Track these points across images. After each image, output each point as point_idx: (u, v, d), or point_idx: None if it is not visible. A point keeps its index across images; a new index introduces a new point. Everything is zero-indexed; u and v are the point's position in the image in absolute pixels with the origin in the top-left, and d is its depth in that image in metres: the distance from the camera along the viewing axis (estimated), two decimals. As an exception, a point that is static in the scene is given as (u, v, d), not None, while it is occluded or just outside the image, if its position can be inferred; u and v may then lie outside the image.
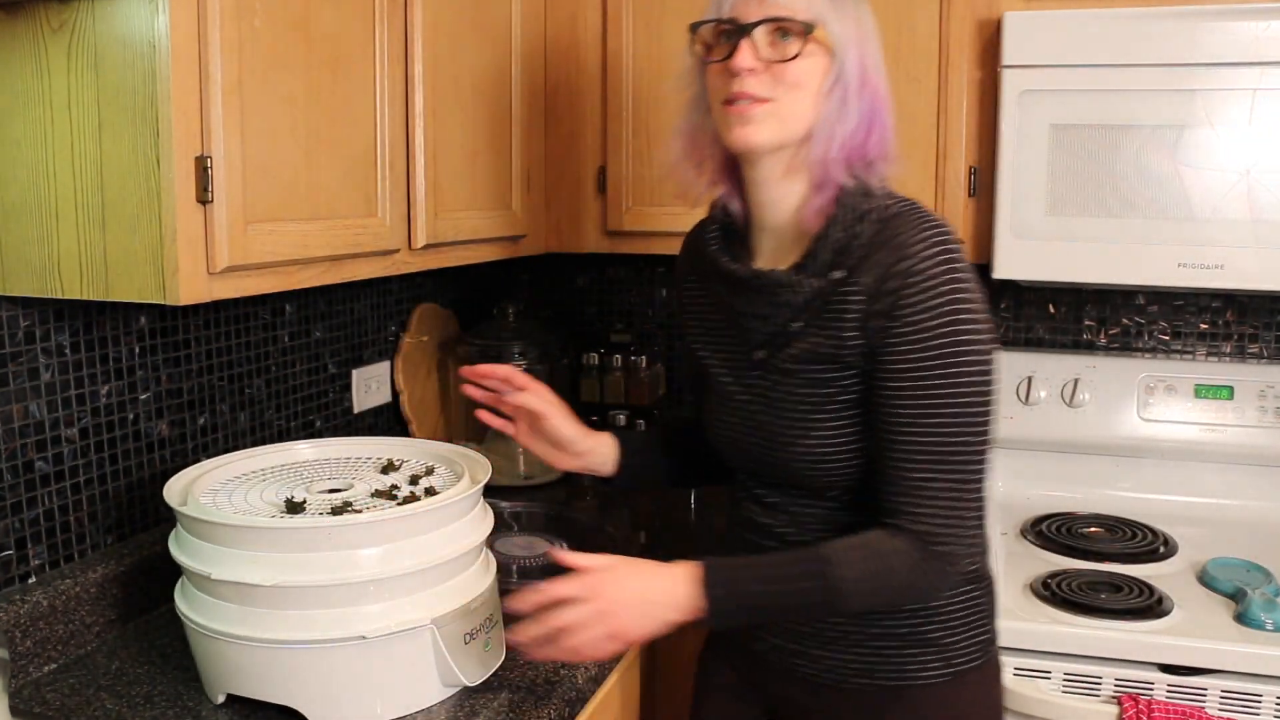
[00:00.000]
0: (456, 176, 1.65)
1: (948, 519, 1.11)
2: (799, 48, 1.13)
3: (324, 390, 1.90)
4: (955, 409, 1.10)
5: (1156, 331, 2.11)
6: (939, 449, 1.10)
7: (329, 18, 1.32)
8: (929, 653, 1.22)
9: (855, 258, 1.14)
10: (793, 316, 1.19)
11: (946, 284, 1.10)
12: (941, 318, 1.09)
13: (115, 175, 1.13)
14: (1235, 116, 1.67)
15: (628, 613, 1.12)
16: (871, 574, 1.11)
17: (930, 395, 1.10)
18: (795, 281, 1.17)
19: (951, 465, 1.10)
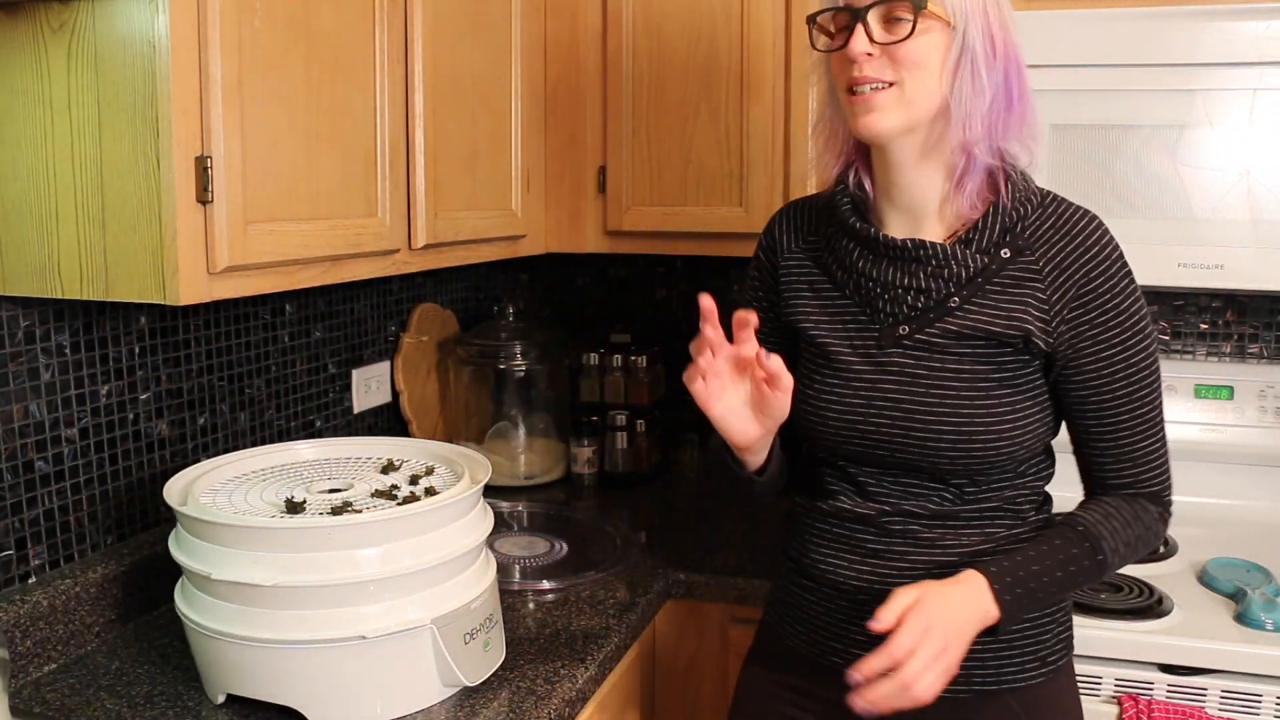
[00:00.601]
0: (456, 176, 1.65)
1: (1166, 474, 1.22)
2: (910, 27, 1.10)
3: (324, 390, 1.90)
4: (1154, 378, 1.19)
5: (1156, 331, 2.11)
6: (1154, 417, 1.19)
7: (329, 18, 1.32)
8: (1026, 654, 1.22)
9: (1023, 239, 1.17)
10: (954, 291, 1.18)
11: (1123, 265, 1.17)
12: (1134, 298, 1.17)
13: (115, 175, 1.13)
14: (1235, 116, 1.66)
15: (958, 639, 1.07)
16: (1132, 541, 1.19)
17: (1144, 373, 1.18)
18: (961, 255, 1.17)
19: (1160, 427, 1.21)
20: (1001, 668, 1.21)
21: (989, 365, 1.17)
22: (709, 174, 1.93)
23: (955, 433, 1.17)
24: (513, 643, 1.40)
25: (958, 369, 1.18)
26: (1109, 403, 1.19)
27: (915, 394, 1.19)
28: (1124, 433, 1.20)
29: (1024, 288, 1.16)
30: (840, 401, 1.22)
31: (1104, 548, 1.16)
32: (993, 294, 1.17)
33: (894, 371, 1.20)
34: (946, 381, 1.18)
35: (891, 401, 1.20)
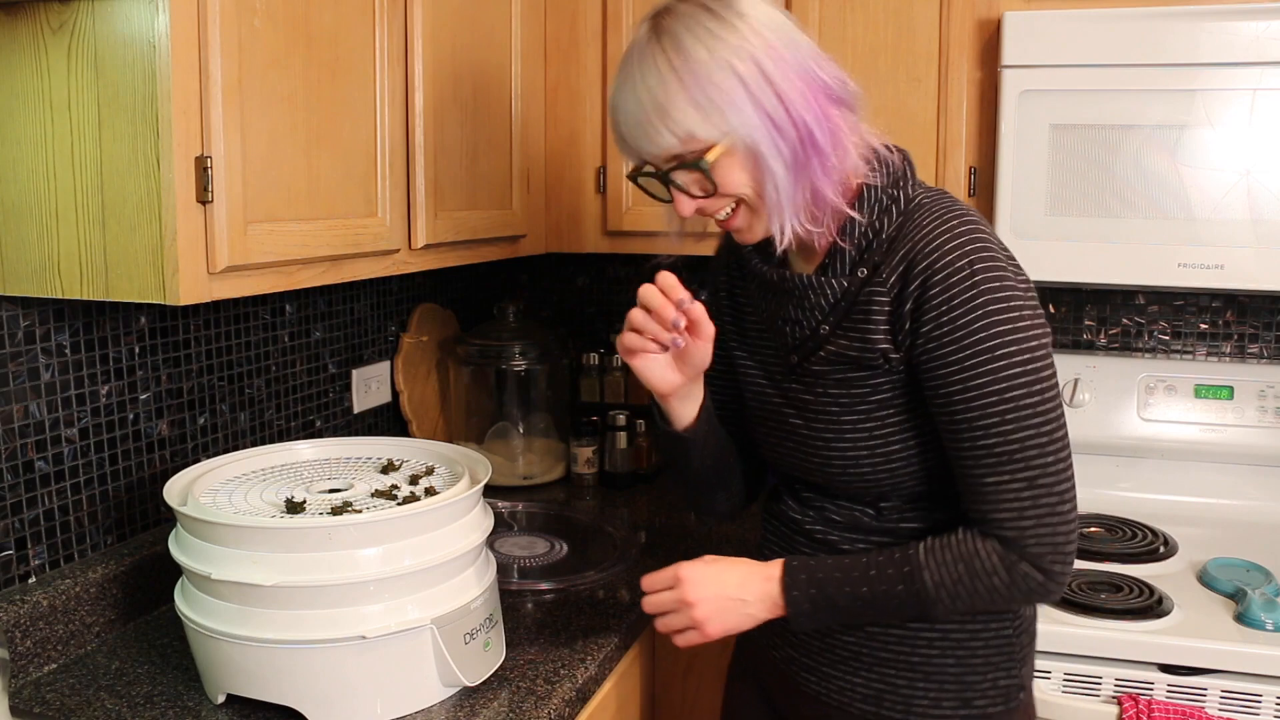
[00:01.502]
0: (456, 176, 1.65)
1: (1031, 522, 1.06)
2: (705, 180, 1.08)
3: (324, 390, 1.90)
4: (1012, 404, 1.04)
5: (1156, 331, 2.11)
6: (1005, 449, 1.05)
7: (329, 18, 1.32)
8: (945, 690, 1.17)
9: (879, 254, 1.11)
10: (822, 319, 1.15)
11: (975, 273, 1.04)
12: (973, 310, 1.04)
13: (115, 175, 1.13)
14: (1235, 116, 1.67)
15: (707, 606, 1.16)
16: (959, 578, 1.08)
17: (982, 394, 1.05)
18: (820, 283, 1.14)
19: (1022, 466, 1.05)
20: (913, 698, 1.18)
21: (865, 389, 1.13)
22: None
23: (842, 458, 1.16)
24: (513, 643, 1.40)
25: (837, 395, 1.15)
26: (949, 427, 1.08)
27: (808, 420, 1.19)
28: (968, 462, 1.08)
29: (874, 303, 1.10)
30: (761, 425, 1.27)
31: (924, 578, 1.09)
32: (855, 319, 1.12)
33: (793, 399, 1.21)
34: (828, 408, 1.16)
35: (791, 428, 1.21)
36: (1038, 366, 1.05)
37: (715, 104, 1.04)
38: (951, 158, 1.84)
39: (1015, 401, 1.04)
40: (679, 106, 1.05)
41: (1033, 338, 1.05)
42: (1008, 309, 1.04)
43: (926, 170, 1.85)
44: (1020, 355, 1.04)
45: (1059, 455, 1.06)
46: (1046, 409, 1.05)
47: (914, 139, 1.84)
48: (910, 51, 1.84)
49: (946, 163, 1.84)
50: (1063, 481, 1.06)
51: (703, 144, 1.06)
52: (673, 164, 1.09)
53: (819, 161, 1.08)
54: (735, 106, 1.04)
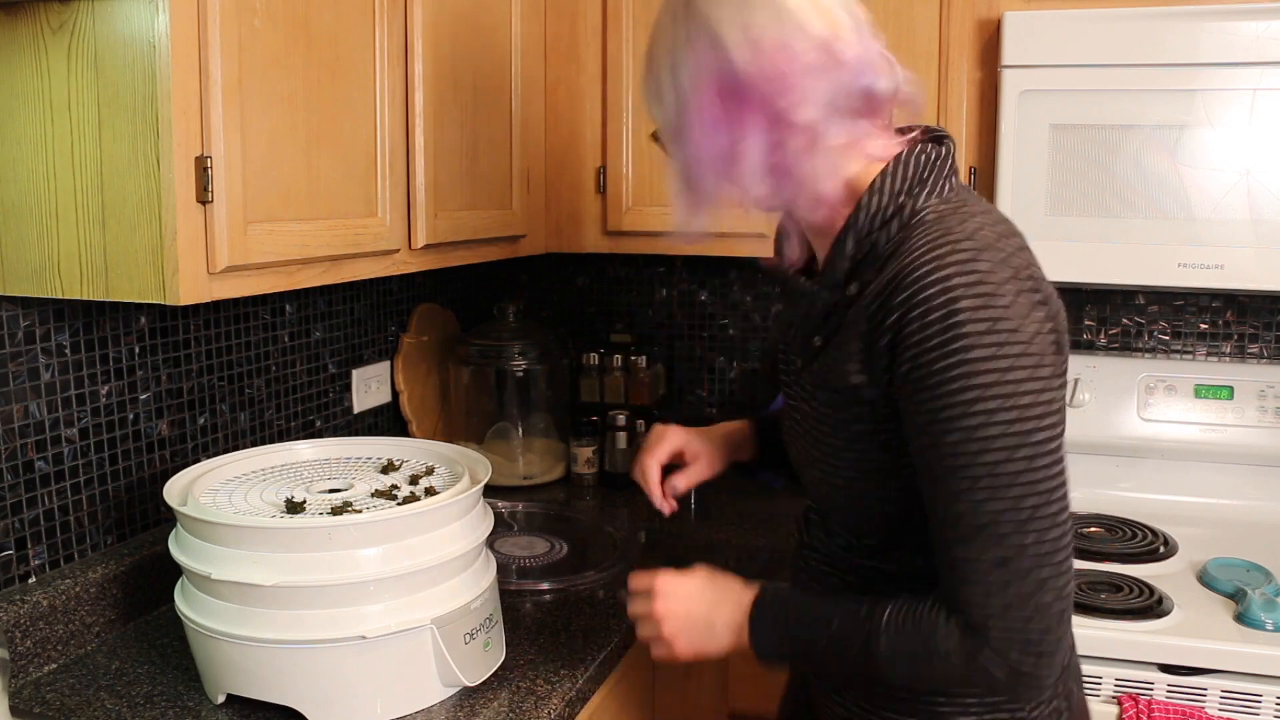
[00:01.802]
0: (456, 176, 1.65)
1: (999, 607, 0.90)
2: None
3: (324, 390, 1.90)
4: (987, 470, 0.89)
5: (1156, 331, 2.11)
6: (977, 520, 0.90)
7: (329, 18, 1.32)
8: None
9: (872, 271, 0.98)
10: (814, 331, 1.05)
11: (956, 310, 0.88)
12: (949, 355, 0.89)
13: (115, 175, 1.13)
14: (1235, 116, 1.66)
15: (675, 623, 1.10)
16: (914, 655, 0.95)
17: (955, 453, 0.90)
18: (812, 292, 1.03)
19: (996, 540, 0.89)
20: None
21: (846, 416, 1.01)
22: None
23: (826, 482, 1.06)
24: (513, 643, 1.40)
25: (826, 414, 1.03)
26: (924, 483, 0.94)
27: (806, 427, 1.08)
28: (938, 527, 0.93)
29: (854, 329, 0.98)
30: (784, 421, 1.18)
31: (880, 644, 0.97)
32: (840, 338, 1.00)
33: (797, 405, 1.11)
34: (819, 425, 1.05)
35: (795, 433, 1.12)
36: (1027, 429, 0.88)
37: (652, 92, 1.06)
38: (951, 158, 1.83)
39: (992, 467, 0.88)
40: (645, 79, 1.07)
41: (1024, 393, 0.88)
42: (994, 357, 0.88)
43: (926, 170, 1.85)
44: (1003, 414, 0.88)
45: (1044, 536, 0.89)
46: (1033, 479, 0.89)
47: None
48: (910, 51, 1.84)
49: (946, 163, 1.84)
50: (1045, 567, 0.89)
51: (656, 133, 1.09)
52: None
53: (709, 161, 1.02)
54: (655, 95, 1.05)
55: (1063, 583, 0.91)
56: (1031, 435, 0.89)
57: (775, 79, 0.96)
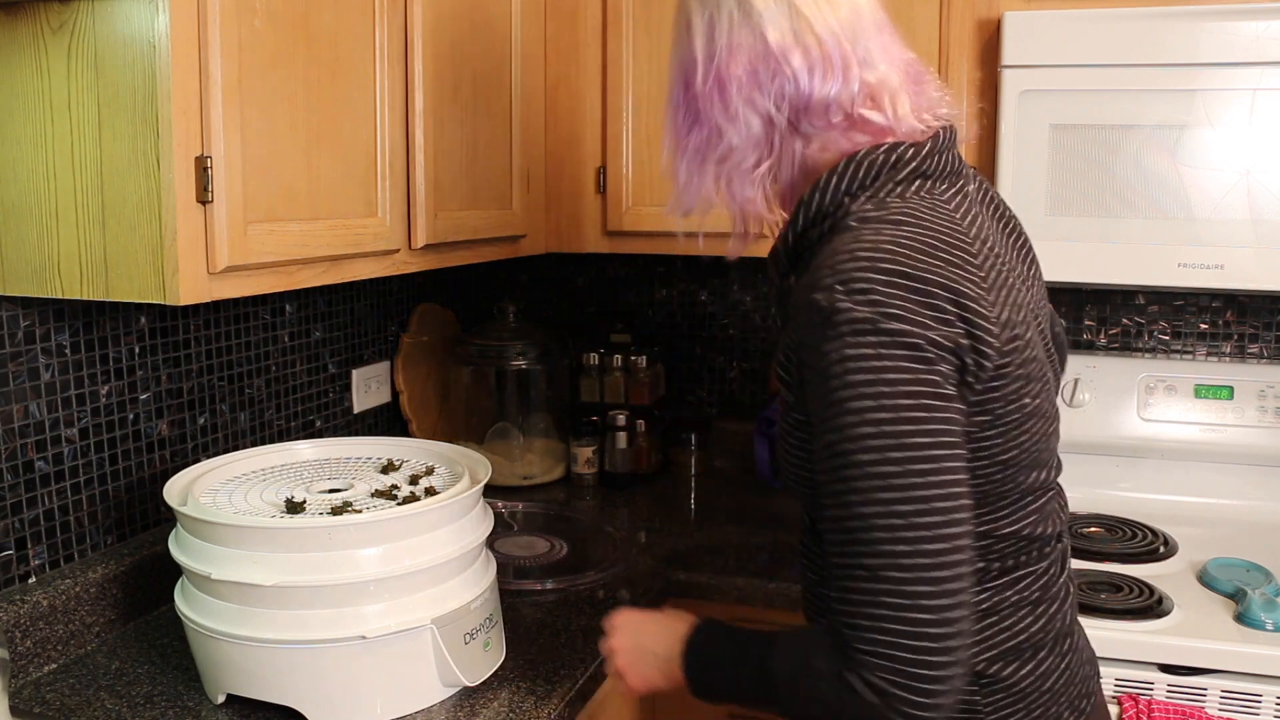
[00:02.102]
0: (456, 176, 1.65)
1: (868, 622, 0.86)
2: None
3: (324, 390, 1.90)
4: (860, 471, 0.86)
5: (1156, 331, 2.11)
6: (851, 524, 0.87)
7: (329, 17, 1.32)
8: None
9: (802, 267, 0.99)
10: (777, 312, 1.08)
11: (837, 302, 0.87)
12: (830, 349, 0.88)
13: (115, 175, 1.13)
14: (1235, 116, 1.66)
15: (625, 657, 1.13)
16: (792, 675, 0.92)
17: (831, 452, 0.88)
18: (771, 273, 1.07)
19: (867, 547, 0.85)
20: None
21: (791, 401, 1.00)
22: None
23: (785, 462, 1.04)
24: (513, 643, 1.40)
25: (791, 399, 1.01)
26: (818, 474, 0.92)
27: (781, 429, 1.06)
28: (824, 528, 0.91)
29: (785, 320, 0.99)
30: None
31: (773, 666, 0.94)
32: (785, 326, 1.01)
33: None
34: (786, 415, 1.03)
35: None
36: (901, 430, 0.85)
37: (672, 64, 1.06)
38: (951, 158, 1.83)
39: (863, 468, 0.85)
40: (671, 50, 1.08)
41: (901, 395, 0.85)
42: (872, 358, 0.86)
43: (926, 170, 1.85)
44: (876, 413, 0.85)
45: (920, 547, 0.84)
46: (906, 484, 0.84)
47: (914, 139, 1.84)
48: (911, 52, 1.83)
49: (946, 163, 1.84)
50: (920, 583, 0.83)
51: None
52: None
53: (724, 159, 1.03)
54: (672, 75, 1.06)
55: (943, 604, 0.84)
56: (907, 438, 0.85)
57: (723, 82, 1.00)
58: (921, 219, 0.94)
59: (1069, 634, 1.06)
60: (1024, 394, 0.95)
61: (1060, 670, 1.03)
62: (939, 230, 0.94)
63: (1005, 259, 1.00)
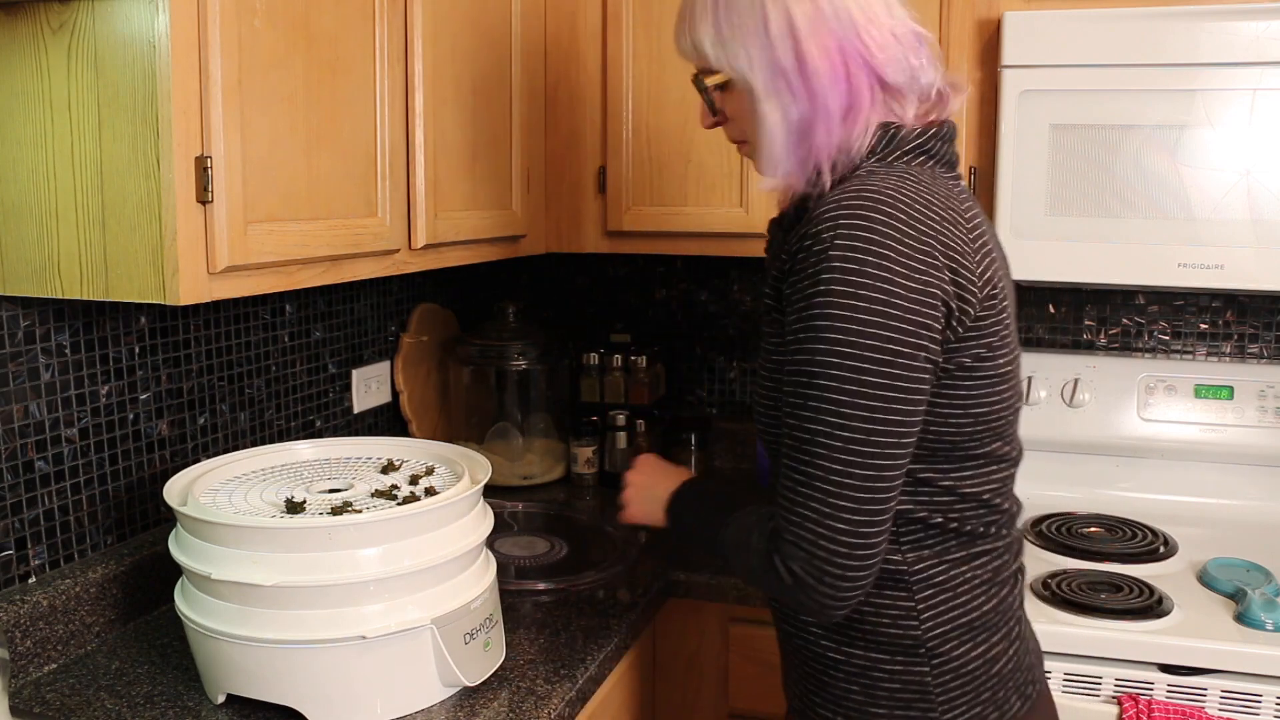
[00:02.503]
0: (456, 176, 1.65)
1: (797, 518, 1.00)
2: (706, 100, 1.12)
3: (324, 390, 1.90)
4: (817, 391, 0.97)
5: (1156, 331, 2.11)
6: (799, 434, 0.99)
7: (329, 18, 1.32)
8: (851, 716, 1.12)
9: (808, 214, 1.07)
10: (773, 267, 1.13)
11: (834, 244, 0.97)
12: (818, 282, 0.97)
13: (115, 175, 1.13)
14: (1235, 116, 1.66)
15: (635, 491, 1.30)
16: (737, 541, 1.08)
17: (798, 369, 0.99)
18: (770, 230, 1.17)
19: (807, 457, 0.98)
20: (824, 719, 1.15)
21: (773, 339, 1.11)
22: (709, 174, 1.93)
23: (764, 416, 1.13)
24: (513, 643, 1.40)
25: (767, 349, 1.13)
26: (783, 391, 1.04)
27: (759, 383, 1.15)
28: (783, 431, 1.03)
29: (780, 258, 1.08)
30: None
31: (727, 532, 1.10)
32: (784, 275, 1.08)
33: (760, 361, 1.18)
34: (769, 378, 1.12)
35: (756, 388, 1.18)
36: (862, 367, 0.96)
37: (730, 37, 1.06)
38: (951, 158, 1.83)
39: (821, 389, 0.97)
40: (703, 22, 1.09)
41: (869, 334, 0.96)
42: (856, 294, 0.96)
43: (926, 170, 1.85)
44: (843, 346, 0.96)
45: (851, 469, 0.97)
46: (852, 414, 0.96)
47: (914, 139, 1.85)
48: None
49: (946, 163, 1.84)
50: (843, 499, 0.97)
51: (709, 67, 1.10)
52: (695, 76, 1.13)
53: (825, 129, 1.06)
54: (746, 48, 1.06)
55: (859, 519, 0.98)
56: (865, 375, 0.96)
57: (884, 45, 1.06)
58: (921, 181, 1.04)
59: (1018, 621, 1.14)
60: (998, 354, 1.05)
61: (1008, 656, 1.11)
62: (935, 193, 1.04)
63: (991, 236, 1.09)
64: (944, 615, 1.08)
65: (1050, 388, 2.06)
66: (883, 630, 1.09)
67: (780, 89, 1.06)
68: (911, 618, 1.07)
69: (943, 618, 1.07)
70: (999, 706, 1.10)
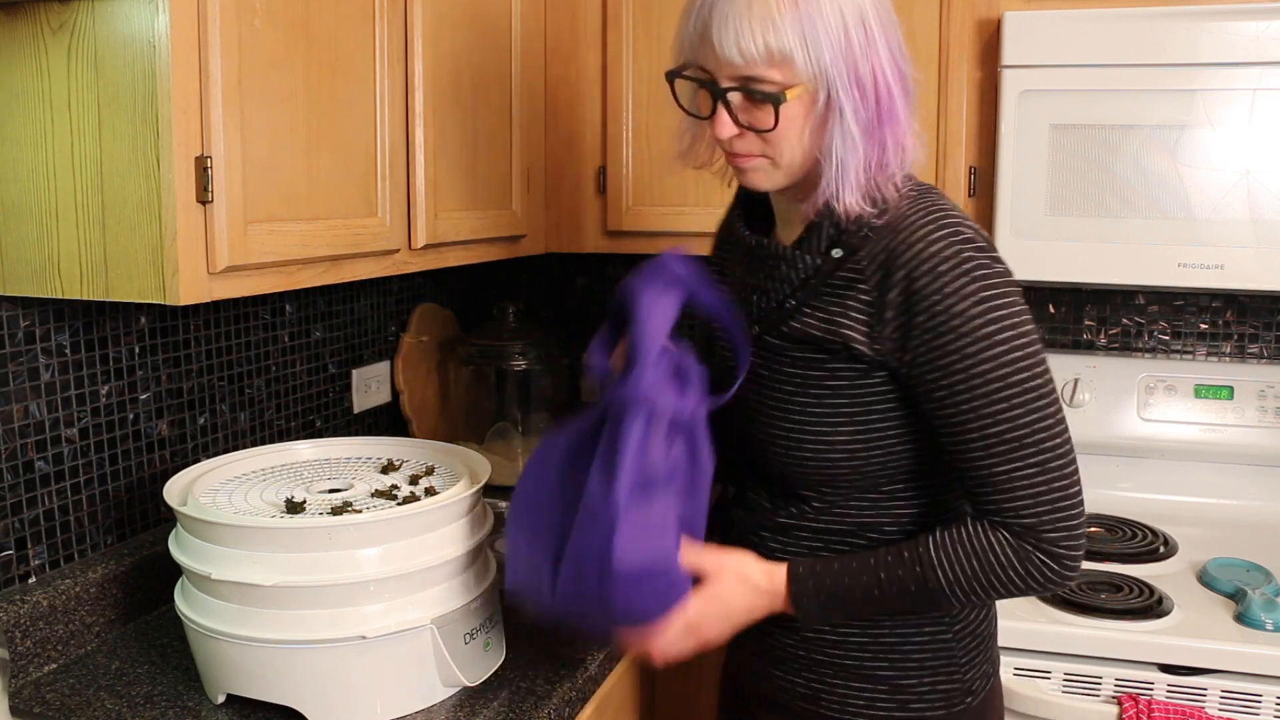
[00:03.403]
0: (456, 176, 1.65)
1: (1045, 507, 1.06)
2: (772, 114, 1.04)
3: (324, 390, 1.90)
4: (1018, 389, 1.04)
5: (1156, 331, 2.11)
6: (1014, 434, 1.04)
7: (329, 18, 1.32)
8: (879, 691, 1.17)
9: (857, 238, 1.08)
10: (790, 293, 1.13)
11: (964, 260, 1.04)
12: (970, 300, 1.03)
13: (115, 175, 1.13)
14: (1235, 116, 1.67)
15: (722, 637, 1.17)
16: (973, 574, 1.08)
17: (987, 382, 1.04)
18: (794, 255, 1.12)
19: (1033, 451, 1.05)
20: (848, 699, 1.18)
21: (822, 373, 1.11)
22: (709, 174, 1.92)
23: (786, 439, 1.14)
24: (513, 643, 1.40)
25: (791, 373, 1.13)
26: (954, 419, 1.06)
27: (759, 395, 1.16)
28: (977, 453, 1.06)
29: (850, 290, 1.09)
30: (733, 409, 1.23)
31: (938, 576, 1.08)
32: (825, 296, 1.10)
33: (751, 373, 1.17)
34: (781, 386, 1.14)
35: (744, 402, 1.18)
36: (1034, 351, 1.05)
37: (820, 40, 1.01)
38: (951, 158, 1.84)
39: (1020, 386, 1.04)
40: (789, 27, 1.00)
41: (1026, 323, 1.05)
42: (1002, 297, 1.04)
43: (926, 170, 1.85)
44: (1019, 340, 1.04)
45: (1064, 439, 1.06)
46: (1048, 393, 1.05)
47: (914, 139, 1.85)
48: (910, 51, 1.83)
49: (946, 163, 1.84)
50: (1069, 465, 1.06)
51: (789, 77, 1.02)
52: (738, 83, 1.04)
53: (893, 138, 1.07)
54: (838, 52, 1.02)
55: (1079, 479, 1.08)
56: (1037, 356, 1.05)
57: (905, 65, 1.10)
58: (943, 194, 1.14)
59: None
60: None
61: (994, 617, 1.26)
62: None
63: None
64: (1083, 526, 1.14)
65: (1050, 388, 2.06)
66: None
67: (858, 96, 1.03)
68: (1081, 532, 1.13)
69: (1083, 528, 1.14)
70: (994, 663, 1.24)
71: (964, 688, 1.18)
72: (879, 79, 1.05)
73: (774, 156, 1.09)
